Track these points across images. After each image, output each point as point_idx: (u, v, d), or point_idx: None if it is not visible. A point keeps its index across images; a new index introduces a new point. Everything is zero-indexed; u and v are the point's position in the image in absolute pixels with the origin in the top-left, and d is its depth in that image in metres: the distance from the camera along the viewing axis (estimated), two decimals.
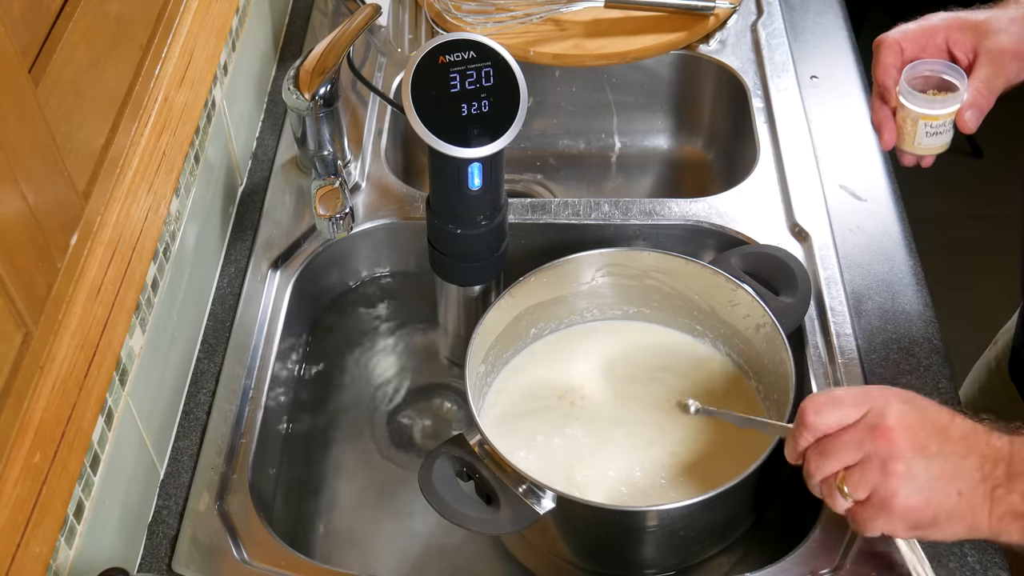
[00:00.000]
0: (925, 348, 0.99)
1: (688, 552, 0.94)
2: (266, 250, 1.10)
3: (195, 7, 0.94)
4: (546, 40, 1.31)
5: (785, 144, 1.18)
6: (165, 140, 0.87)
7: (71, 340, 0.70)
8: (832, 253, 1.07)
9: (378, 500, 1.05)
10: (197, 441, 0.95)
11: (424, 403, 1.13)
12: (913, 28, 0.94)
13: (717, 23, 1.34)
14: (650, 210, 1.13)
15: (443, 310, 1.08)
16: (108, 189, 0.77)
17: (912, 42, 0.93)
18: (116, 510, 0.83)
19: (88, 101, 0.76)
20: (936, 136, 0.93)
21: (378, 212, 1.14)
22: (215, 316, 1.05)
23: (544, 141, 1.42)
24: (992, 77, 0.91)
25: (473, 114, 0.89)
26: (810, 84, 1.27)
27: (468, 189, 0.92)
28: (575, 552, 0.94)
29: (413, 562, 1.01)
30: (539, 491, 0.85)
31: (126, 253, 0.79)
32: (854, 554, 0.85)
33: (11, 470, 0.63)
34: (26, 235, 0.65)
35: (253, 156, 1.20)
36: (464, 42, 0.88)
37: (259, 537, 0.89)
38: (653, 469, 0.95)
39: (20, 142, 0.64)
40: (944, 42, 0.93)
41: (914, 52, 0.93)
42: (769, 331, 0.96)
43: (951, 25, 0.93)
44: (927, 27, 0.94)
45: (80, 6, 0.74)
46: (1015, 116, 1.20)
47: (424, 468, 0.86)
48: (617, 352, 1.05)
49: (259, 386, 0.99)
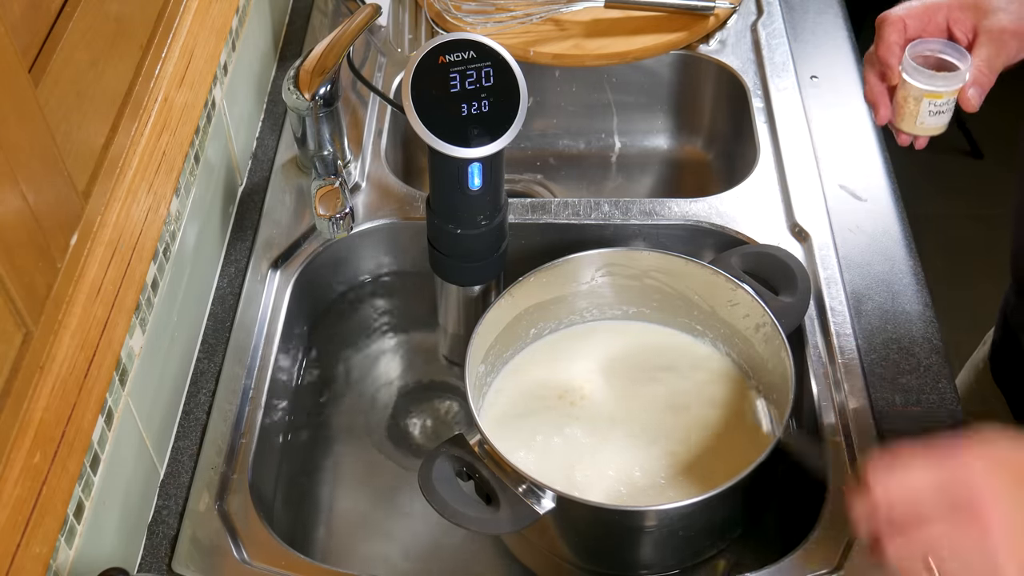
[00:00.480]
0: (925, 348, 0.99)
1: (687, 552, 0.94)
2: (266, 250, 1.10)
3: (195, 7, 0.94)
4: (546, 40, 1.31)
5: (785, 144, 1.18)
6: (165, 140, 0.87)
7: (71, 340, 0.70)
8: (832, 253, 1.07)
9: (378, 500, 1.05)
10: (197, 441, 0.95)
11: (424, 403, 1.13)
12: (916, 5, 0.94)
13: (717, 23, 1.34)
14: (650, 210, 1.13)
15: (443, 310, 1.08)
16: (108, 189, 0.77)
17: (916, 19, 0.93)
18: (116, 510, 0.83)
19: (88, 101, 0.76)
20: (938, 115, 0.92)
21: (378, 212, 1.14)
22: (215, 316, 1.05)
23: (544, 141, 1.42)
24: (992, 56, 0.91)
25: (473, 114, 0.89)
26: (810, 84, 1.27)
27: (468, 189, 0.92)
28: (575, 552, 0.95)
29: (413, 562, 1.01)
30: (539, 491, 0.85)
31: (126, 253, 0.79)
32: (853, 554, 0.85)
33: (11, 470, 0.63)
34: (26, 235, 0.65)
35: (253, 156, 1.20)
36: (464, 42, 0.88)
37: (259, 537, 0.89)
38: (652, 469, 0.95)
39: (20, 142, 0.64)
40: (945, 20, 0.93)
41: (917, 30, 0.93)
42: (769, 331, 0.96)
43: (952, 4, 0.93)
44: (930, 5, 0.93)
45: (80, 6, 0.74)
46: (1015, 116, 1.20)
47: (424, 468, 0.86)
48: (617, 352, 1.05)
49: (259, 386, 0.99)
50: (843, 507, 0.88)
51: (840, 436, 0.93)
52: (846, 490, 0.79)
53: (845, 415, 0.94)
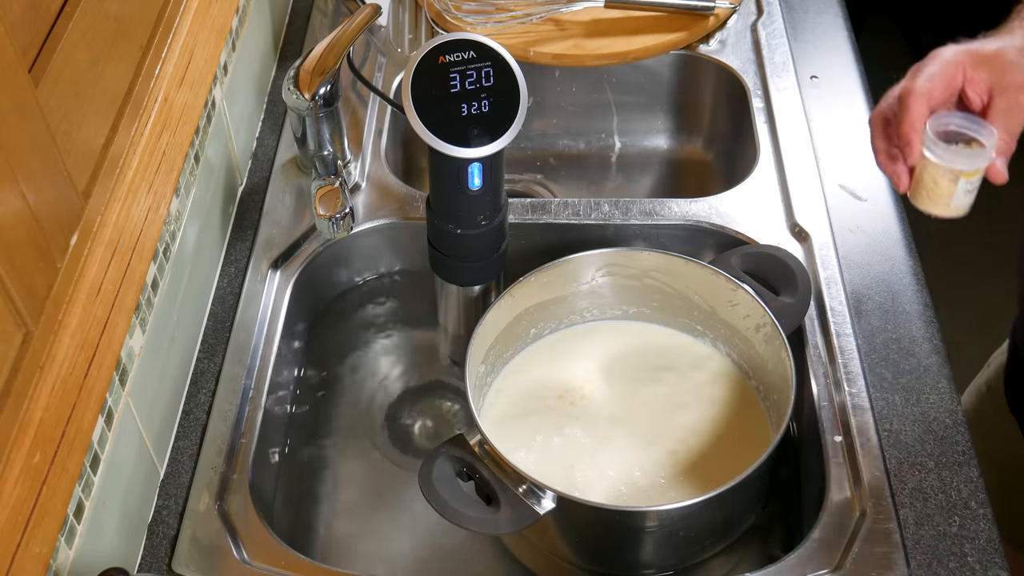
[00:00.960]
0: (925, 348, 0.99)
1: (688, 552, 0.94)
2: (266, 250, 1.10)
3: (195, 7, 0.94)
4: (546, 40, 1.31)
5: (785, 144, 1.18)
6: (165, 140, 0.87)
7: (71, 340, 0.70)
8: (832, 253, 1.07)
9: (378, 500, 1.05)
10: (197, 441, 0.95)
11: (424, 403, 1.13)
12: (936, 72, 0.87)
13: (717, 23, 1.34)
14: (650, 210, 1.13)
15: (443, 310, 1.08)
16: (108, 189, 0.77)
17: (940, 89, 0.87)
18: (116, 510, 0.83)
19: (88, 101, 0.76)
20: (971, 193, 0.86)
21: (378, 212, 1.14)
22: (215, 316, 1.05)
23: (544, 141, 1.42)
24: (1012, 121, 0.86)
25: (473, 114, 0.89)
26: (810, 84, 1.27)
27: (468, 189, 0.92)
28: (575, 552, 0.95)
29: (413, 562, 1.01)
30: (539, 491, 0.85)
31: (126, 253, 0.79)
32: (854, 554, 0.85)
33: (11, 470, 0.63)
34: (26, 235, 0.65)
35: (253, 156, 1.20)
36: (464, 42, 0.88)
37: (259, 537, 0.89)
38: (653, 469, 0.95)
39: (20, 142, 0.64)
40: (961, 81, 0.88)
41: (942, 99, 0.87)
42: (769, 331, 0.96)
43: (965, 61, 0.87)
44: (948, 69, 0.87)
45: (80, 6, 0.74)
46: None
47: (424, 468, 0.86)
48: (617, 352, 1.05)
49: (259, 386, 0.99)
50: (843, 507, 0.88)
51: (840, 436, 0.93)
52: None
53: (845, 415, 0.94)
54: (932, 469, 0.90)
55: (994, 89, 0.86)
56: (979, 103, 0.87)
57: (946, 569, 0.84)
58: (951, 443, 0.92)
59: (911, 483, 0.89)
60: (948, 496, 0.89)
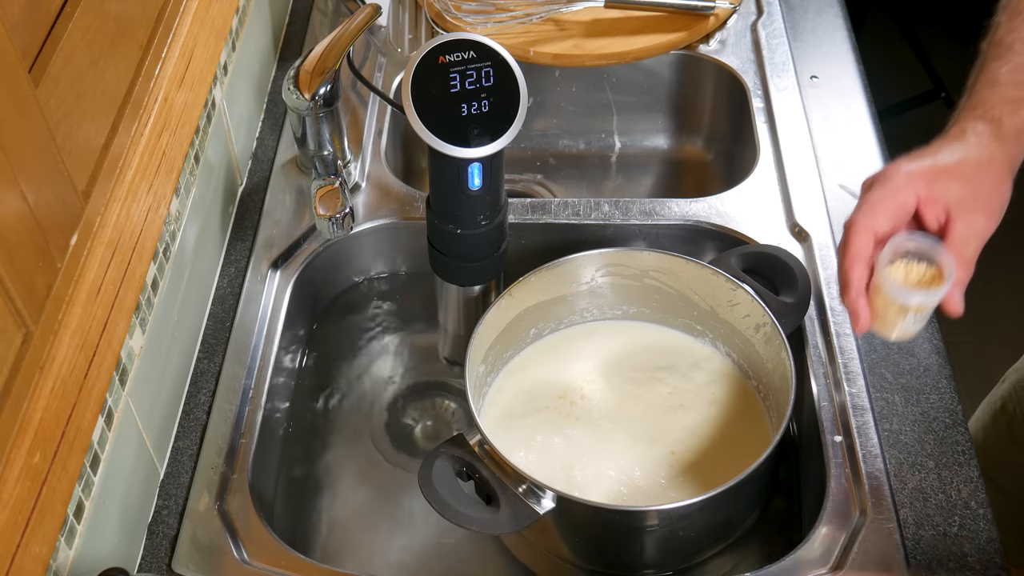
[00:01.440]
0: (925, 348, 0.99)
1: (688, 552, 0.94)
2: (266, 250, 1.10)
3: (195, 7, 0.94)
4: (546, 40, 1.31)
5: (785, 144, 1.18)
6: (165, 140, 0.87)
7: (71, 340, 0.70)
8: (832, 253, 1.07)
9: (378, 500, 1.05)
10: (197, 441, 0.95)
11: (424, 403, 1.13)
12: (880, 201, 0.80)
13: (717, 23, 1.34)
14: (650, 210, 1.13)
15: (443, 310, 1.08)
16: (108, 189, 0.77)
17: (887, 217, 0.80)
18: (116, 510, 0.83)
19: (88, 101, 0.76)
20: (920, 322, 0.82)
21: (378, 212, 1.15)
22: (215, 316, 1.05)
23: (544, 141, 1.42)
24: (969, 247, 0.80)
25: (473, 114, 0.89)
26: (810, 84, 1.27)
27: (468, 189, 0.92)
28: (575, 552, 0.94)
29: (413, 562, 1.01)
30: (539, 491, 0.85)
31: (126, 253, 0.79)
32: (854, 554, 0.85)
33: (11, 470, 0.63)
34: (26, 235, 0.65)
35: (253, 156, 1.21)
36: (464, 42, 0.88)
37: (259, 537, 0.89)
38: (653, 469, 0.95)
39: (20, 142, 0.64)
40: (915, 200, 0.80)
41: (891, 228, 0.81)
42: (769, 331, 0.96)
43: (917, 179, 0.80)
44: (897, 195, 0.80)
45: (80, 6, 0.74)
46: None
47: (424, 468, 0.86)
48: (617, 352, 1.05)
49: (259, 386, 0.99)
50: (843, 507, 0.88)
51: (840, 436, 0.93)
52: None
53: (845, 415, 0.94)
54: (932, 469, 0.90)
55: (952, 210, 0.80)
56: (936, 225, 0.81)
57: (946, 569, 0.84)
58: (951, 443, 0.92)
59: (911, 483, 0.89)
60: (948, 496, 0.89)
